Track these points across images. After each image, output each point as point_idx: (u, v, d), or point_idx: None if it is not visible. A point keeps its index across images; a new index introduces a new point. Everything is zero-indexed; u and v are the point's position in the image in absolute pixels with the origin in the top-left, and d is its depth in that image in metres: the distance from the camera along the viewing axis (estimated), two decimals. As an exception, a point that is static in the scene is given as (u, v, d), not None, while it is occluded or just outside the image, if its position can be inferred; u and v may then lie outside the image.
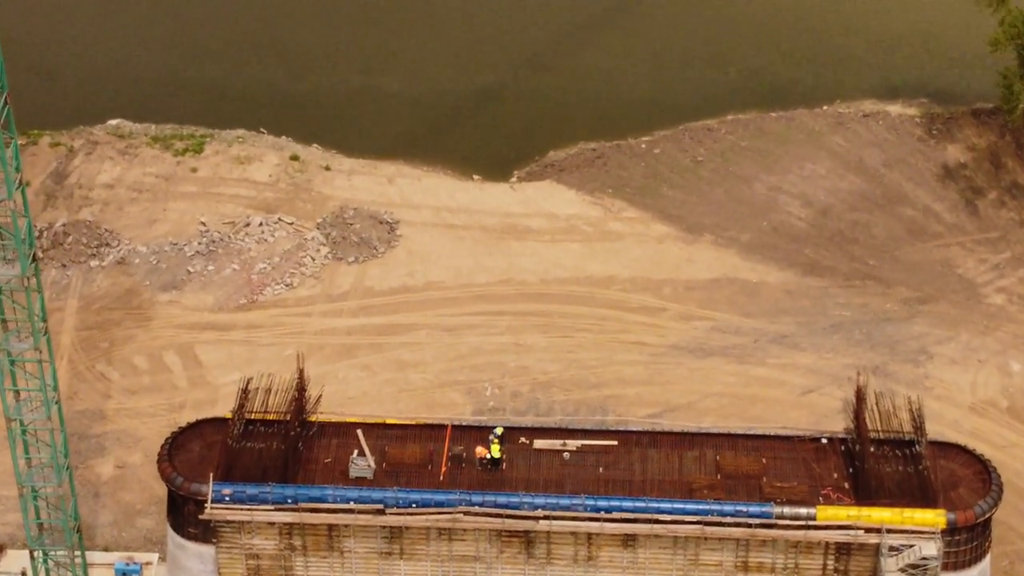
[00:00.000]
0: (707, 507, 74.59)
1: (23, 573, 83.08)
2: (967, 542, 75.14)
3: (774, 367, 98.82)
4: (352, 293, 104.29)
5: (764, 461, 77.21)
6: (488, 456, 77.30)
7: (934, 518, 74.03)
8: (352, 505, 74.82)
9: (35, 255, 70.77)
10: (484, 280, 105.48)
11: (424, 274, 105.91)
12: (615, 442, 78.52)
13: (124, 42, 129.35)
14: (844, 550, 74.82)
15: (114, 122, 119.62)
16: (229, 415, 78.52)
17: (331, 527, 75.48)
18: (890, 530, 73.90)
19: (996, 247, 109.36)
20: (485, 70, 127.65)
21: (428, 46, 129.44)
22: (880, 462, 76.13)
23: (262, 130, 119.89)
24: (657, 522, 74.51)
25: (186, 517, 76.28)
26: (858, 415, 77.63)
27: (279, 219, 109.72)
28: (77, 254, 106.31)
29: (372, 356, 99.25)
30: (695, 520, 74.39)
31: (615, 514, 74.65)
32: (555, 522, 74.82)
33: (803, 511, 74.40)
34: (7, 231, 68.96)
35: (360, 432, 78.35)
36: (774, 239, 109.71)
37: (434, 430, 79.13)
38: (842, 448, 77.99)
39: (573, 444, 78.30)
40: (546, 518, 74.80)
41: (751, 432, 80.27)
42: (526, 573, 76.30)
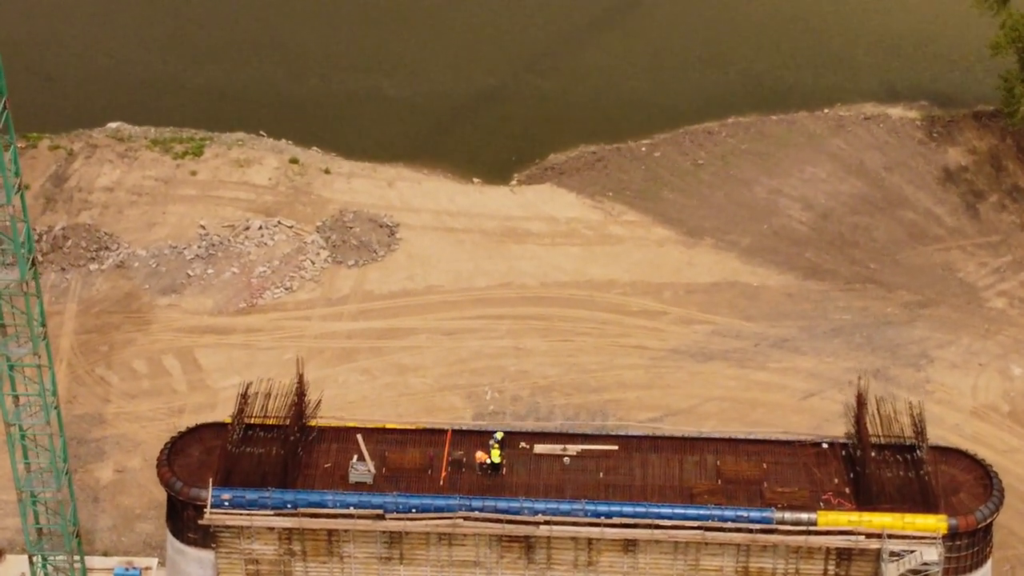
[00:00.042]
0: (708, 512, 74.48)
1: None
2: (968, 547, 75.06)
3: (775, 371, 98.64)
4: (352, 297, 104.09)
5: (765, 466, 77.11)
6: (488, 461, 77.14)
7: (935, 523, 73.94)
8: (352, 510, 74.73)
9: (34, 259, 70.58)
10: (484, 284, 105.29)
11: (424, 278, 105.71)
12: (615, 447, 78.43)
13: (123, 45, 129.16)
14: (845, 555, 74.75)
15: (114, 125, 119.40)
16: (228, 420, 78.39)
17: (331, 532, 75.39)
18: (891, 535, 73.83)
19: (997, 251, 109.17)
20: (485, 73, 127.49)
21: (428, 49, 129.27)
22: (881, 467, 76.02)
23: (262, 133, 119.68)
24: (658, 527, 74.40)
25: (185, 522, 76.18)
26: (859, 420, 77.48)
27: (279, 222, 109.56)
28: (76, 257, 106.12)
29: (372, 360, 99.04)
30: (696, 525, 74.30)
31: (615, 519, 74.52)
32: (555, 527, 74.68)
33: (804, 516, 74.29)
34: (6, 236, 68.73)
35: (360, 437, 78.24)
36: (775, 242, 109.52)
37: (434, 435, 78.99)
38: (843, 453, 77.86)
39: (573, 449, 78.19)
40: (546, 523, 74.67)
41: (752, 437, 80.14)
42: (526, 578, 76.39)
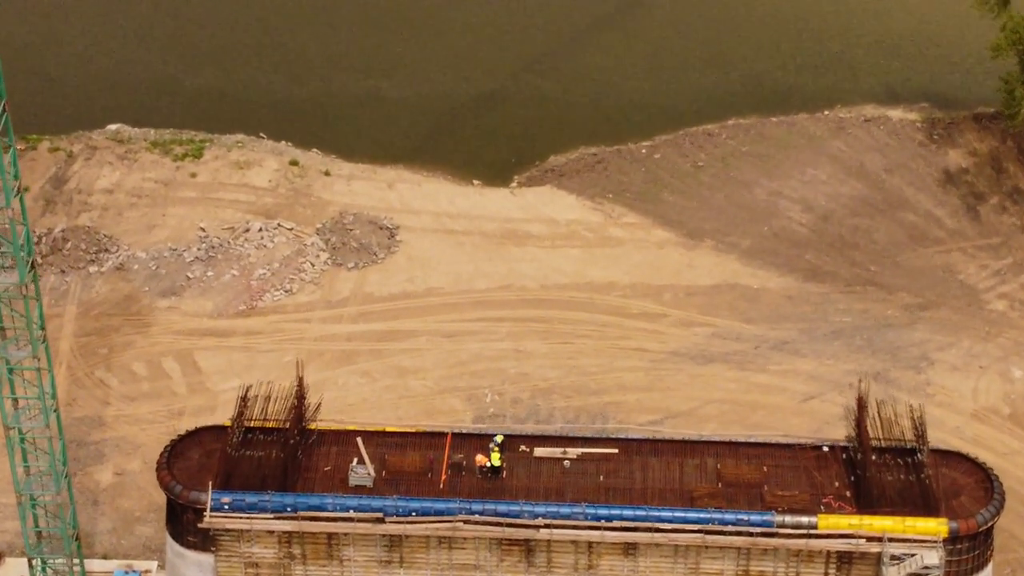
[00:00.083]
0: (708, 516, 74.26)
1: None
2: (969, 551, 74.82)
3: (775, 373, 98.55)
4: (352, 299, 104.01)
5: (765, 469, 76.85)
6: (488, 464, 76.92)
7: (936, 527, 73.74)
8: (351, 513, 74.45)
9: (33, 262, 70.47)
10: (484, 286, 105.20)
11: (424, 280, 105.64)
12: (616, 450, 78.15)
13: (123, 46, 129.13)
14: (846, 559, 74.49)
15: (113, 127, 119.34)
16: (228, 423, 78.20)
17: (330, 535, 75.15)
18: (892, 539, 73.59)
19: (998, 253, 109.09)
20: (485, 74, 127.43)
21: (428, 50, 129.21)
22: (882, 470, 75.71)
23: (262, 135, 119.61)
24: (658, 531, 74.14)
25: (185, 525, 75.94)
26: (860, 423, 77.26)
27: (278, 224, 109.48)
28: (76, 260, 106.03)
29: (372, 362, 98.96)
30: (696, 529, 74.08)
31: (616, 523, 74.25)
32: (555, 531, 74.42)
33: (804, 520, 74.03)
34: (5, 239, 68.63)
35: (360, 440, 78.06)
36: (775, 244, 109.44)
37: (434, 438, 78.68)
38: (843, 456, 77.58)
39: (573, 452, 77.91)
40: (546, 527, 74.41)
41: (752, 440, 79.98)
42: (526, 582, 76.25)
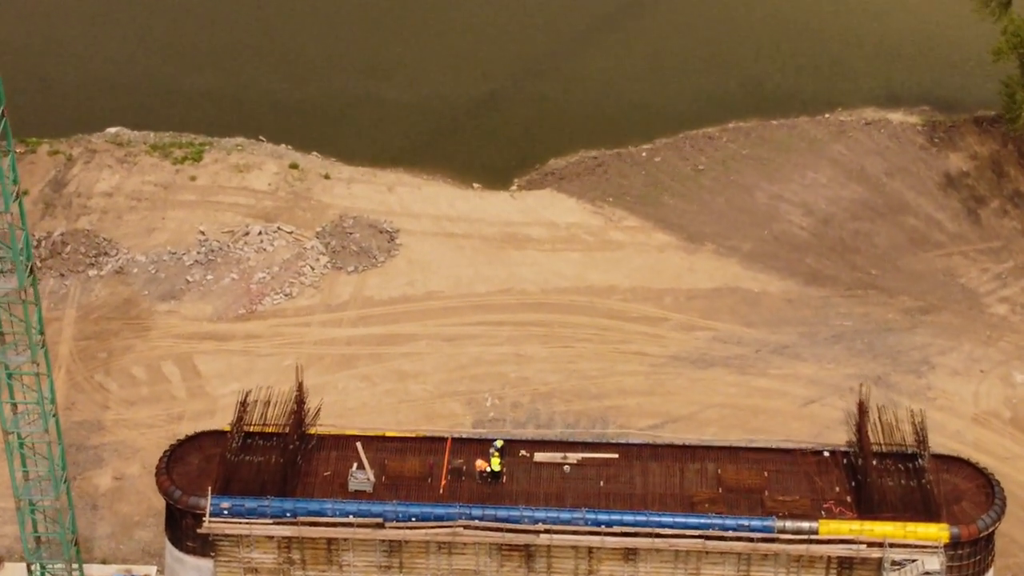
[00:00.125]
0: (708, 521, 74.18)
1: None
2: (970, 556, 74.80)
3: (775, 378, 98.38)
4: (351, 303, 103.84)
5: (766, 474, 76.77)
6: (488, 469, 76.84)
7: (937, 532, 73.66)
8: (351, 519, 74.40)
9: (32, 267, 70.32)
10: (484, 290, 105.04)
11: (424, 284, 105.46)
12: (616, 455, 78.06)
13: (123, 49, 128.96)
14: (847, 564, 74.44)
15: (113, 130, 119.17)
16: (228, 428, 78.10)
17: (330, 541, 75.04)
18: (893, 544, 73.53)
19: (998, 256, 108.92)
20: (485, 77, 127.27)
21: (428, 53, 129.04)
22: (883, 475, 75.75)
23: (261, 138, 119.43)
24: (658, 536, 74.08)
25: (184, 531, 75.85)
26: (860, 428, 77.19)
27: (278, 228, 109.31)
28: (75, 263, 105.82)
29: (372, 366, 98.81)
30: (696, 534, 73.98)
31: (616, 528, 74.21)
32: (555, 536, 74.37)
33: (805, 525, 73.99)
34: (4, 244, 68.49)
35: (359, 445, 77.90)
36: (775, 248, 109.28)
37: (434, 443, 78.65)
38: (844, 461, 77.55)
39: (574, 457, 77.85)
40: (546, 532, 74.36)
41: (753, 445, 79.86)
42: (526, 587, 76.11)
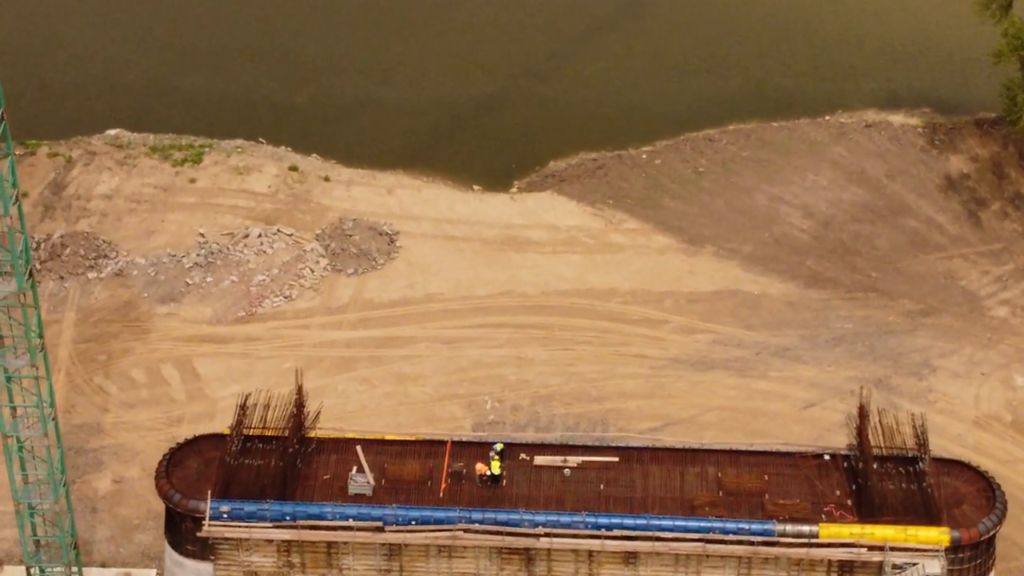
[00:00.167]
0: (709, 524, 74.15)
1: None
2: (971, 560, 74.81)
3: (776, 380, 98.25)
4: (351, 305, 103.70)
5: (766, 478, 76.76)
6: (488, 472, 76.78)
7: (938, 536, 73.64)
8: (351, 522, 74.40)
9: (31, 270, 70.20)
10: (484, 292, 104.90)
11: (424, 286, 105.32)
12: (616, 458, 78.05)
13: (122, 51, 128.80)
14: (847, 568, 74.41)
15: (112, 132, 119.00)
16: (227, 431, 78.02)
17: (330, 544, 75.04)
18: (893, 548, 73.52)
19: (999, 259, 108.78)
20: (485, 79, 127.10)
21: (428, 55, 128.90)
22: (883, 479, 75.69)
23: (261, 140, 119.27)
24: (659, 539, 74.07)
25: (184, 534, 75.84)
26: (861, 431, 77.15)
27: (278, 230, 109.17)
28: (75, 266, 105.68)
29: (371, 369, 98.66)
30: (697, 537, 73.99)
31: (616, 531, 74.19)
32: (556, 539, 74.36)
33: (806, 529, 73.98)
34: (3, 247, 68.38)
35: (359, 448, 77.86)
36: (776, 251, 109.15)
37: (434, 446, 78.60)
38: (845, 465, 77.50)
39: (574, 460, 77.83)
40: (547, 535, 74.35)
41: (753, 448, 79.78)
42: (526, 590, 76.00)
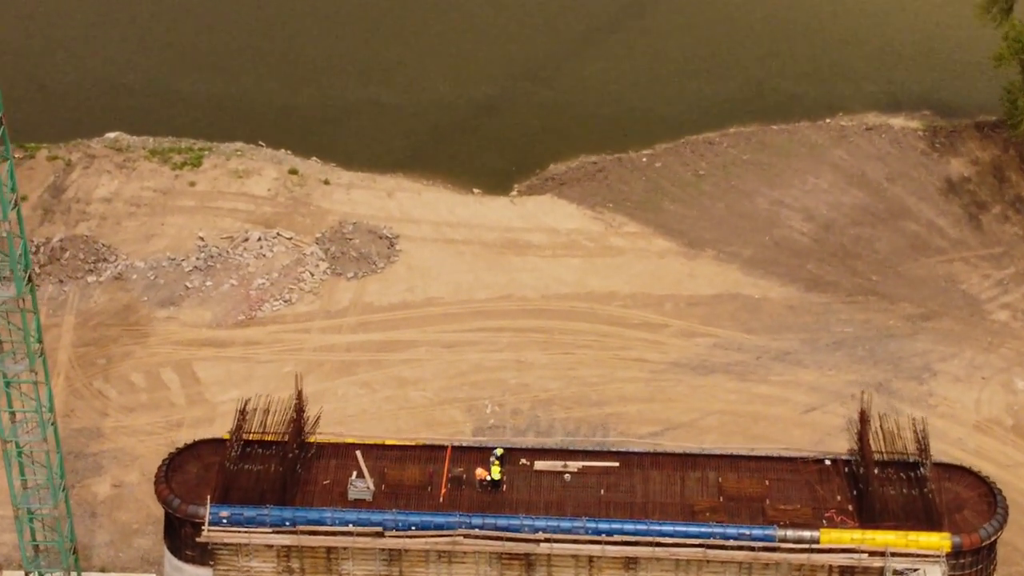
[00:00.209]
0: (709, 530, 73.93)
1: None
2: (972, 565, 74.51)
3: (776, 384, 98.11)
4: (351, 309, 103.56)
5: (767, 483, 76.49)
6: (488, 478, 76.54)
7: (939, 541, 73.38)
8: (351, 528, 74.13)
9: (31, 275, 70.09)
10: (484, 296, 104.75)
11: (424, 290, 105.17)
12: (616, 463, 77.80)
13: (122, 54, 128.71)
14: (848, 573, 74.12)
15: (112, 135, 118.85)
16: (227, 436, 77.83)
17: (329, 550, 74.77)
18: (894, 553, 73.29)
19: (1000, 263, 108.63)
20: (485, 82, 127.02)
21: (428, 58, 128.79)
22: (884, 484, 75.37)
23: (260, 143, 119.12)
24: (659, 545, 73.79)
25: (183, 539, 75.59)
26: (862, 437, 76.91)
27: (278, 234, 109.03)
28: (74, 270, 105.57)
29: (371, 373, 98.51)
30: (697, 543, 73.70)
31: (616, 537, 73.92)
32: (556, 545, 74.06)
33: (806, 534, 73.69)
34: (2, 252, 68.26)
35: (359, 453, 77.66)
36: (776, 254, 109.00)
37: (434, 451, 78.33)
38: (846, 470, 77.26)
39: (574, 465, 77.56)
40: (547, 541, 74.06)
41: (754, 453, 79.59)
42: (527, 596, 75.81)
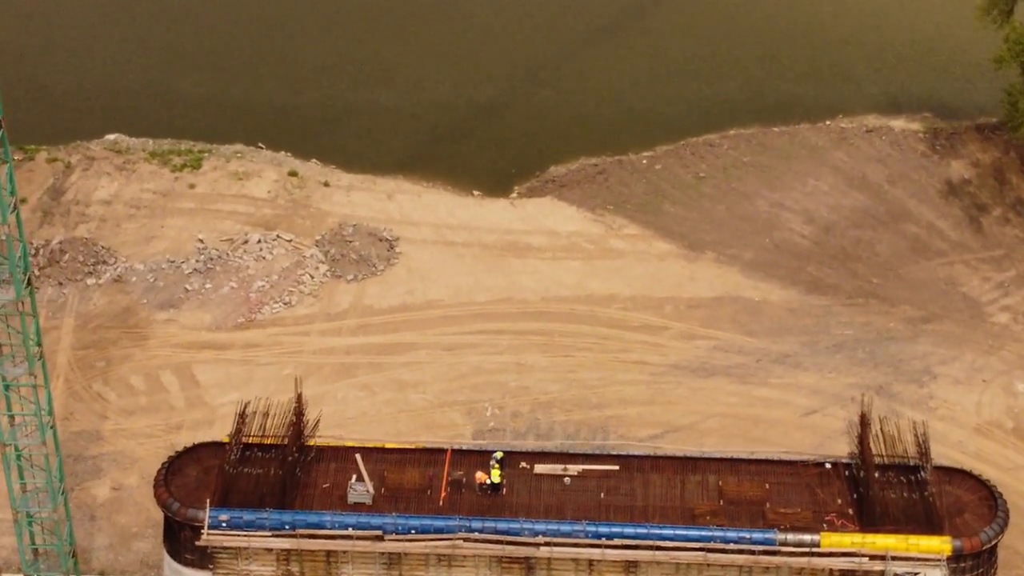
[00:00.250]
0: (710, 533, 73.75)
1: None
2: (973, 569, 74.32)
3: (777, 387, 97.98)
4: (351, 311, 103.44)
5: (767, 486, 76.34)
6: (488, 481, 76.41)
7: (939, 545, 73.22)
8: (350, 531, 73.96)
9: (30, 278, 70.01)
10: (484, 298, 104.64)
11: (424, 292, 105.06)
12: (616, 467, 77.66)
13: (121, 56, 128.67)
14: (849, 577, 74.21)
15: (111, 137, 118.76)
16: (226, 439, 77.68)
17: (329, 553, 74.59)
18: (895, 557, 73.11)
19: (1000, 265, 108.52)
20: (485, 84, 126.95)
21: (428, 60, 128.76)
22: (885, 488, 75.24)
23: (260, 145, 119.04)
24: (659, 548, 73.61)
25: (183, 543, 75.43)
26: (862, 440, 76.78)
27: (277, 236, 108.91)
28: (74, 272, 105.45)
29: (371, 376, 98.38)
30: (698, 547, 73.52)
31: (617, 540, 73.76)
32: (556, 548, 73.89)
33: (807, 538, 73.51)
34: (1, 255, 68.17)
35: (359, 457, 77.50)
36: (776, 257, 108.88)
37: (433, 454, 78.20)
38: (846, 473, 77.13)
39: (574, 469, 77.42)
40: (547, 544, 73.89)
41: (754, 457, 79.44)
42: (526, 600, 75.64)
